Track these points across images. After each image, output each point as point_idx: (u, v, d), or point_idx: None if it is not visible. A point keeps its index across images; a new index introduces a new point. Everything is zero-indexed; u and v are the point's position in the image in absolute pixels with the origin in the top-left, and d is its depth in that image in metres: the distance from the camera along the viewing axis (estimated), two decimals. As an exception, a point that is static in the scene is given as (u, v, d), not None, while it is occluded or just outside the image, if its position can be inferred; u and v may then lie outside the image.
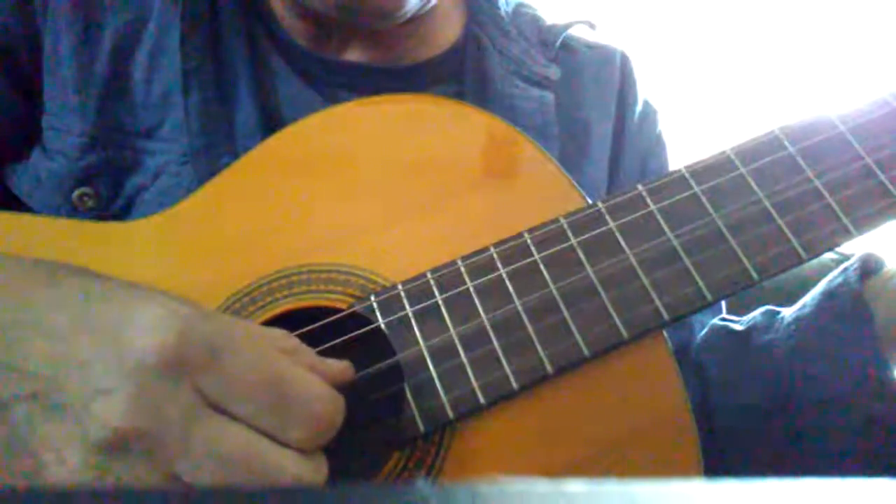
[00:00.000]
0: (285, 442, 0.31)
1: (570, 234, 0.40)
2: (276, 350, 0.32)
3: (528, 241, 0.40)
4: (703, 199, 0.41)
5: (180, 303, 0.32)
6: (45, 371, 0.30)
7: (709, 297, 0.39)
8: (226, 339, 0.31)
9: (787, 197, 0.40)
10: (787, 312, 0.51)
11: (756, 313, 0.54)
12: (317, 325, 0.39)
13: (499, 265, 0.40)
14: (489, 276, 0.40)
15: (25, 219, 0.46)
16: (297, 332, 0.39)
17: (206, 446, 0.29)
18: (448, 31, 0.61)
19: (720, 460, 0.49)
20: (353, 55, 0.58)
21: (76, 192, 0.52)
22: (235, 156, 0.50)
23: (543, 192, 0.43)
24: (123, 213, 0.52)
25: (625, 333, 0.38)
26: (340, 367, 0.36)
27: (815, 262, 0.41)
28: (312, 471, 0.31)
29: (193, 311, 0.31)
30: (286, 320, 0.40)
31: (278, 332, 0.35)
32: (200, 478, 0.29)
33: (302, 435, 0.31)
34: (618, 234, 0.40)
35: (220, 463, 0.29)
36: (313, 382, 0.32)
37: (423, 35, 0.59)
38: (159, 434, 0.29)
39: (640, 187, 0.41)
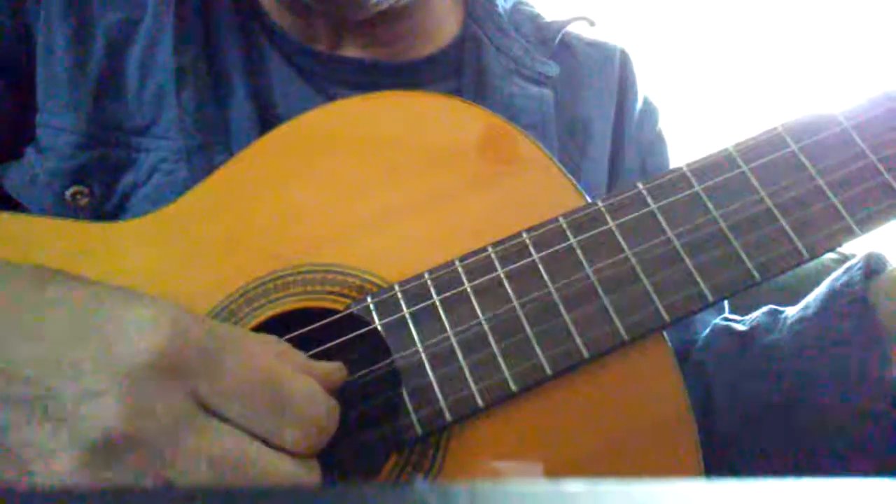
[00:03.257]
0: (280, 445, 0.31)
1: (569, 233, 0.40)
2: (268, 353, 0.32)
3: (527, 240, 0.40)
4: (704, 198, 0.40)
5: (170, 305, 0.31)
6: (32, 374, 0.29)
7: (710, 297, 0.38)
8: (218, 341, 0.31)
9: (789, 196, 0.40)
10: (791, 312, 0.50)
11: (759, 313, 0.53)
12: (313, 326, 0.39)
13: (497, 265, 0.39)
14: (487, 277, 0.39)
15: (22, 219, 0.46)
16: (293, 334, 0.39)
17: (197, 450, 0.29)
18: (446, 28, 0.61)
19: (721, 460, 0.49)
20: (350, 51, 0.57)
21: (70, 190, 0.51)
22: (230, 153, 0.50)
23: (542, 191, 0.43)
24: (118, 211, 0.52)
25: (625, 335, 0.38)
26: (332, 368, 0.35)
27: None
28: (306, 474, 0.31)
29: (184, 312, 0.31)
30: (283, 321, 0.40)
31: (269, 337, 0.34)
32: (192, 481, 0.28)
33: (297, 437, 0.31)
34: (617, 234, 0.40)
35: (212, 466, 0.29)
36: (307, 384, 0.32)
37: (420, 32, 0.59)
38: (150, 437, 0.28)
39: (640, 186, 0.41)
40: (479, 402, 0.36)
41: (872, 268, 0.46)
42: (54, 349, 0.29)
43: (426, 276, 0.39)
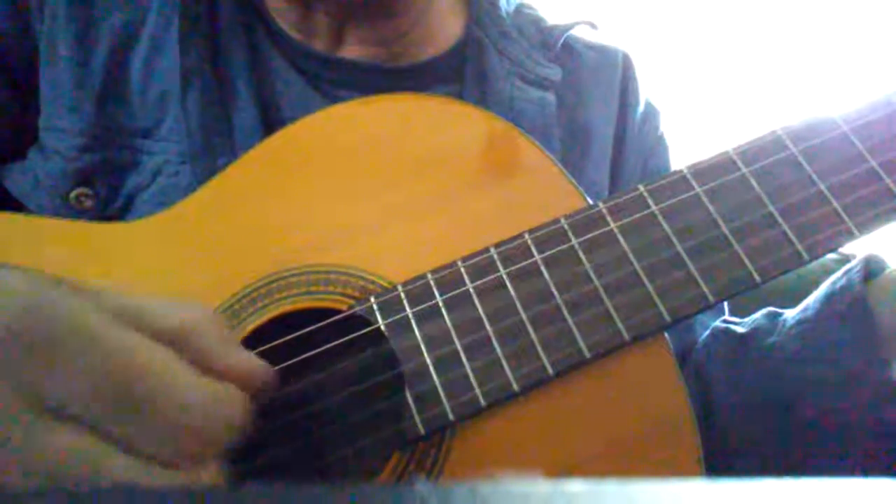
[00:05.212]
0: (136, 449, 0.26)
1: (570, 234, 0.40)
2: (134, 330, 0.27)
3: (529, 241, 0.40)
4: (705, 200, 0.40)
5: (15, 280, 0.26)
6: None
7: (710, 298, 0.38)
8: (55, 322, 0.25)
9: (789, 198, 0.40)
10: (790, 314, 0.50)
11: (758, 315, 0.53)
12: (315, 326, 0.39)
13: (499, 266, 0.40)
14: (490, 277, 0.39)
15: (24, 219, 0.46)
16: (295, 334, 0.39)
17: (26, 451, 0.25)
18: (448, 31, 0.61)
19: (721, 461, 0.49)
20: (352, 52, 0.58)
21: (74, 192, 0.52)
22: (234, 155, 0.50)
23: (544, 193, 0.43)
24: (122, 213, 0.52)
25: (626, 335, 0.38)
26: (251, 366, 0.30)
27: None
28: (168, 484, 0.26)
29: (23, 291, 0.26)
30: (286, 322, 0.40)
31: (155, 305, 0.29)
32: (28, 483, 0.25)
33: (156, 448, 0.26)
34: (619, 235, 0.40)
35: (47, 467, 0.25)
36: (180, 385, 0.27)
37: (423, 35, 0.59)
38: None
39: (641, 188, 0.41)
40: (482, 402, 0.37)
41: (871, 270, 0.46)
42: None
43: (429, 276, 0.40)
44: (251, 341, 0.40)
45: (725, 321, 0.57)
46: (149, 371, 0.26)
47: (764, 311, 0.53)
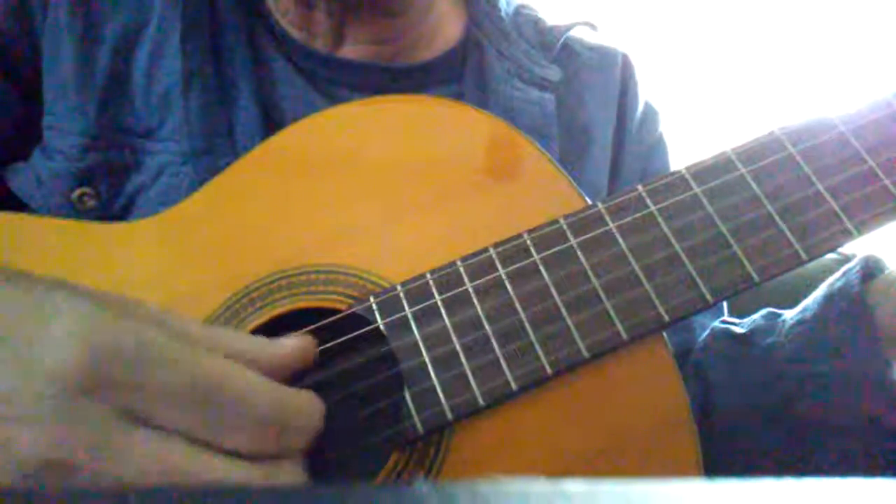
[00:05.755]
0: (225, 448, 0.29)
1: (569, 234, 0.40)
2: (204, 348, 0.30)
3: (528, 241, 0.40)
4: (704, 200, 0.40)
5: (94, 304, 0.29)
6: None
7: (709, 298, 0.38)
8: (143, 344, 0.29)
9: (788, 198, 0.40)
10: (789, 315, 0.50)
11: (757, 316, 0.54)
12: (315, 325, 0.39)
13: (498, 266, 0.40)
14: (488, 277, 0.39)
15: (25, 219, 0.46)
16: (294, 334, 0.39)
17: (124, 462, 0.27)
18: (448, 32, 0.61)
19: (720, 461, 0.49)
20: (352, 52, 0.58)
21: (76, 192, 0.52)
22: (236, 156, 0.50)
23: (543, 193, 0.43)
24: (124, 213, 0.52)
25: (624, 335, 0.38)
26: (292, 347, 0.34)
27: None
28: (261, 477, 0.29)
29: (106, 314, 0.29)
30: (285, 321, 0.40)
31: (217, 332, 0.33)
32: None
33: (241, 441, 0.29)
34: (617, 235, 0.40)
35: (142, 475, 0.27)
36: (247, 381, 0.30)
37: (423, 35, 0.59)
38: (78, 460, 0.27)
39: (639, 188, 0.41)
40: (481, 401, 0.37)
41: (870, 271, 0.46)
42: None
43: (428, 276, 0.40)
44: None
45: (725, 322, 0.57)
46: (216, 373, 0.30)
47: (763, 311, 0.53)
